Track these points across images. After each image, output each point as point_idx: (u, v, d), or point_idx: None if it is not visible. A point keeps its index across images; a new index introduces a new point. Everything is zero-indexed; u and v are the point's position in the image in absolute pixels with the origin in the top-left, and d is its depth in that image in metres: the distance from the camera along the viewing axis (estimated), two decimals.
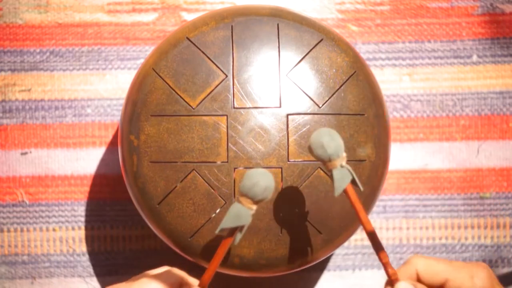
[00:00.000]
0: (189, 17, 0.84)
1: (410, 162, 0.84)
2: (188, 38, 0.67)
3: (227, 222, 0.56)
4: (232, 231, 0.56)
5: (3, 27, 0.84)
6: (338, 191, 0.55)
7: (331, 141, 0.55)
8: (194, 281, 0.57)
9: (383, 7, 0.85)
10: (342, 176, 0.55)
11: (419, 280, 0.55)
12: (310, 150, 0.56)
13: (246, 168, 0.65)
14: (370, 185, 0.66)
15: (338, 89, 0.66)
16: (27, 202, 0.84)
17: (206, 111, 0.65)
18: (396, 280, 0.54)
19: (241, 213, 0.55)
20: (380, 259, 0.55)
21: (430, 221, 0.84)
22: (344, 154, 0.56)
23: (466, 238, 0.84)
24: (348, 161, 0.65)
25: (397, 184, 0.84)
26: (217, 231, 0.56)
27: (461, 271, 0.53)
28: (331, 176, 0.56)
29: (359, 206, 0.56)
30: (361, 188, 0.56)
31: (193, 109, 0.65)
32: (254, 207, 0.56)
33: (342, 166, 0.55)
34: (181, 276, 0.58)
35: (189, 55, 0.66)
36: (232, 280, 0.81)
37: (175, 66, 0.66)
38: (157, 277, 0.57)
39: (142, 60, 0.84)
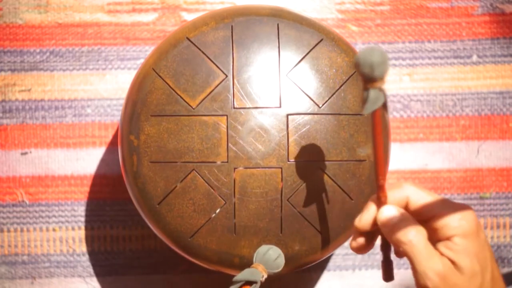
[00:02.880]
0: (189, 17, 0.84)
1: (410, 162, 0.84)
2: (188, 38, 0.67)
3: (239, 276, 0.61)
4: (244, 284, 0.62)
5: (3, 27, 0.84)
6: (368, 110, 0.52)
7: (381, 64, 0.52)
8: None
9: (383, 7, 0.85)
10: (377, 98, 0.53)
11: (406, 208, 0.54)
12: (357, 65, 0.54)
13: (246, 168, 0.65)
14: (370, 185, 0.66)
15: (338, 89, 0.66)
16: (27, 202, 0.84)
17: (206, 111, 0.65)
18: (385, 203, 0.53)
19: (253, 273, 0.61)
20: (378, 181, 0.54)
21: None
22: (387, 77, 0.54)
23: None
24: (348, 161, 0.65)
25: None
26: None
27: (450, 210, 0.52)
28: (366, 94, 0.53)
29: (378, 129, 0.53)
30: (388, 113, 0.54)
31: (193, 109, 0.65)
32: (266, 275, 0.62)
33: (380, 89, 0.53)
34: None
35: (189, 55, 0.66)
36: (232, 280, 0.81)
37: (175, 66, 0.66)
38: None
39: (142, 60, 0.84)
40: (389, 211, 0.53)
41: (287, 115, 0.65)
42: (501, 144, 0.85)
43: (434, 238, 0.52)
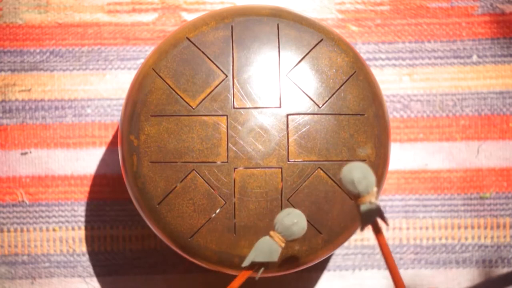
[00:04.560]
0: (189, 17, 0.84)
1: (410, 162, 0.84)
2: (188, 38, 0.67)
3: (258, 256, 0.57)
4: (257, 265, 0.57)
5: (3, 27, 0.84)
6: (363, 226, 0.53)
7: (363, 179, 0.53)
8: None
9: (383, 7, 0.85)
10: (370, 212, 0.53)
11: None
12: (340, 183, 0.55)
13: (246, 168, 0.65)
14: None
15: (338, 89, 0.66)
16: (27, 202, 0.84)
17: (206, 111, 0.65)
18: None
19: (272, 248, 0.57)
20: None
21: (430, 221, 0.84)
22: (375, 189, 0.55)
23: (466, 238, 0.84)
24: (348, 161, 0.65)
25: (397, 184, 0.84)
26: (245, 264, 0.57)
27: None
28: (358, 210, 0.54)
29: (386, 250, 0.54)
30: (388, 224, 0.54)
31: (193, 109, 0.65)
32: (284, 244, 0.58)
33: (371, 203, 0.54)
34: None
35: (189, 55, 0.66)
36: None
37: (175, 66, 0.66)
38: None
39: (142, 60, 0.84)
40: None
41: (287, 115, 0.65)
42: (501, 144, 0.85)
43: None
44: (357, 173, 0.53)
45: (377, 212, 0.54)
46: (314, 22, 0.68)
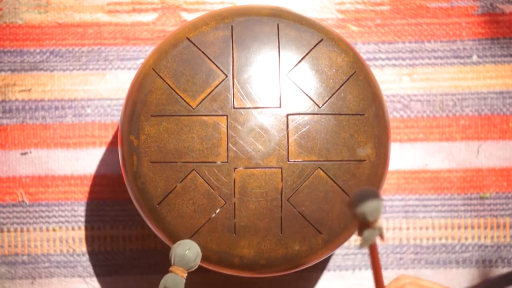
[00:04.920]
0: (189, 17, 0.84)
1: (410, 162, 0.84)
2: (188, 38, 0.67)
3: None
4: None
5: (3, 27, 0.84)
6: (363, 246, 0.54)
7: (374, 211, 0.53)
8: None
9: (383, 7, 0.85)
10: (371, 235, 0.53)
11: None
12: (350, 210, 0.55)
13: (246, 168, 0.65)
14: (370, 185, 0.66)
15: (338, 89, 0.66)
16: (27, 202, 0.84)
17: (206, 111, 0.65)
18: None
19: (176, 281, 0.61)
20: None
21: (430, 221, 0.84)
22: (380, 217, 0.54)
23: (466, 238, 0.84)
24: (348, 161, 0.65)
25: (397, 184, 0.84)
26: None
27: None
28: (360, 232, 0.54)
29: (376, 262, 0.55)
30: (384, 240, 0.55)
31: (193, 109, 0.65)
32: (185, 275, 0.61)
33: (373, 229, 0.54)
34: None
35: (189, 55, 0.66)
36: (232, 280, 0.81)
37: (175, 66, 0.66)
38: None
39: (142, 60, 0.84)
40: None
41: (287, 115, 0.65)
42: (501, 144, 0.85)
43: None
44: (371, 206, 0.53)
45: (377, 234, 0.54)
46: (314, 22, 0.68)
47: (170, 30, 0.84)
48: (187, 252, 0.61)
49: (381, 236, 0.53)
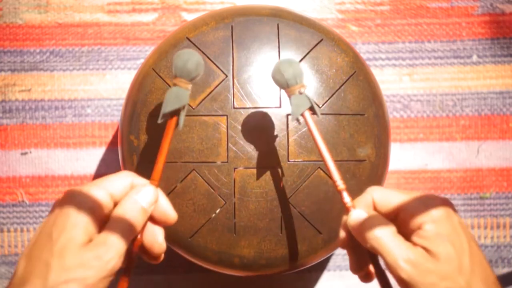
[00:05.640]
0: (189, 17, 0.84)
1: (410, 162, 0.84)
2: (188, 38, 0.67)
3: (168, 106, 0.56)
4: (174, 114, 0.56)
5: (3, 27, 0.84)
6: (293, 116, 0.57)
7: (289, 68, 0.58)
8: (143, 181, 0.56)
9: (383, 7, 0.85)
10: (300, 102, 0.57)
11: (375, 209, 0.54)
12: (272, 76, 0.59)
13: (246, 168, 0.65)
14: (370, 185, 0.66)
15: (338, 89, 0.66)
16: (27, 202, 0.84)
17: (206, 111, 0.65)
18: (352, 207, 0.54)
19: (179, 94, 0.56)
20: (336, 187, 0.55)
21: None
22: (304, 83, 0.58)
23: None
24: (348, 161, 0.65)
25: (397, 184, 0.84)
26: (159, 120, 0.56)
27: (415, 200, 0.52)
28: (290, 102, 0.58)
29: (315, 132, 0.57)
30: (319, 115, 0.58)
31: (193, 109, 0.65)
32: (190, 86, 0.57)
33: (300, 93, 0.58)
34: (132, 177, 0.56)
35: None
36: (232, 280, 0.81)
37: None
38: (110, 179, 0.55)
39: (142, 60, 0.84)
40: (356, 213, 0.54)
41: (287, 115, 0.65)
42: (501, 144, 0.85)
43: (408, 232, 0.52)
44: (285, 64, 0.58)
45: (308, 102, 0.57)
46: (314, 22, 0.68)
47: (170, 30, 0.84)
48: (188, 62, 0.57)
49: (312, 109, 0.56)
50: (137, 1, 0.84)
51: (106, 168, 0.84)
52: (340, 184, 0.55)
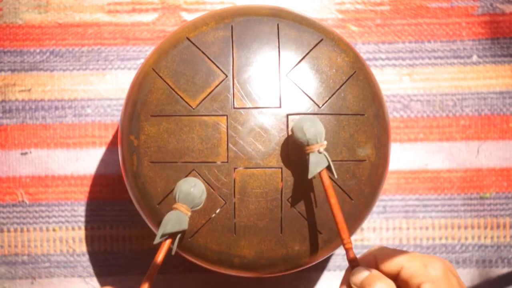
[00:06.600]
0: (189, 17, 0.84)
1: (410, 162, 0.84)
2: (188, 38, 0.67)
3: (169, 227, 0.59)
4: (171, 236, 0.59)
5: (3, 27, 0.84)
6: (311, 174, 0.59)
7: (311, 127, 0.59)
8: None
9: (383, 7, 0.85)
10: (318, 161, 0.59)
11: (377, 268, 0.57)
12: (292, 133, 0.61)
13: (246, 168, 0.65)
14: (370, 185, 0.66)
15: (338, 89, 0.66)
16: (27, 202, 0.84)
17: (206, 111, 0.65)
18: (356, 265, 0.57)
19: (180, 218, 0.59)
20: (344, 244, 0.59)
21: (430, 221, 0.84)
22: (324, 142, 0.60)
23: (466, 238, 0.84)
24: (348, 161, 0.65)
25: (397, 184, 0.84)
26: (157, 240, 0.59)
27: (415, 260, 0.55)
28: (307, 160, 0.59)
29: (330, 192, 0.59)
30: (335, 176, 0.60)
31: (193, 109, 0.65)
32: (190, 213, 0.60)
33: (319, 152, 0.59)
34: None
35: (189, 55, 0.66)
36: (232, 280, 0.81)
37: (175, 66, 0.66)
38: None
39: (142, 60, 0.84)
40: (358, 271, 0.56)
41: (287, 115, 0.65)
42: (501, 144, 0.85)
43: None
44: (307, 122, 0.60)
45: (326, 162, 0.59)
46: (314, 22, 0.68)
47: (170, 30, 0.84)
48: (193, 189, 0.60)
49: (329, 168, 0.57)
50: (137, 1, 0.84)
51: (106, 168, 0.84)
52: (348, 242, 0.58)
